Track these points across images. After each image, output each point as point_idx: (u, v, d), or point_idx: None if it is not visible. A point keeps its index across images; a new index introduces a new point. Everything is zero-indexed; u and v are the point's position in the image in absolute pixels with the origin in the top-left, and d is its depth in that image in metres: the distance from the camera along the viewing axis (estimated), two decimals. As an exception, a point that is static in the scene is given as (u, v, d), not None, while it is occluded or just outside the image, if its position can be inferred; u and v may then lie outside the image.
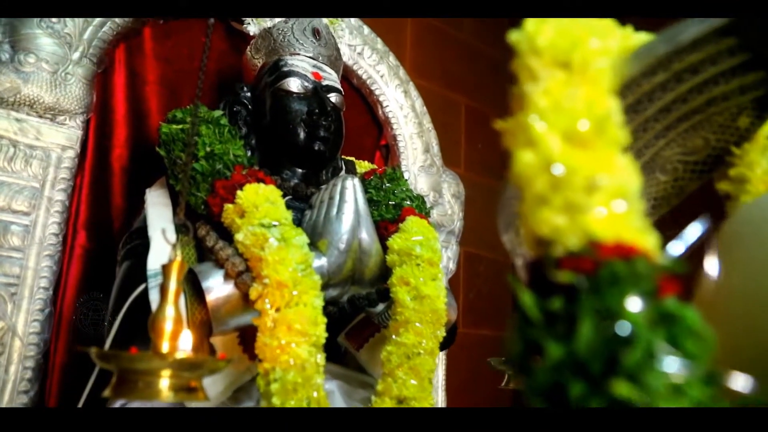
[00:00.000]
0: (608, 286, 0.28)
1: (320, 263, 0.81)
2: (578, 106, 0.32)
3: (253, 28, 1.19)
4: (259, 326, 0.70)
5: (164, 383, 0.52)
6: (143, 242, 0.83)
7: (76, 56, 1.04)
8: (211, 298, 0.75)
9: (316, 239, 0.84)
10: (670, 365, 0.26)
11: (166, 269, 0.58)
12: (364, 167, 1.17)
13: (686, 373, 0.26)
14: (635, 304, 0.28)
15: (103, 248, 1.07)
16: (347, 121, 1.09)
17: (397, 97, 1.47)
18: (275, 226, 0.75)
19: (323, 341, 0.72)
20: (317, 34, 1.07)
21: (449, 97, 1.98)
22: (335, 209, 0.85)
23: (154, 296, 0.74)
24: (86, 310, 1.03)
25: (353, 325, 0.95)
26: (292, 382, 0.66)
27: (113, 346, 0.75)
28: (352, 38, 1.42)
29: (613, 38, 0.36)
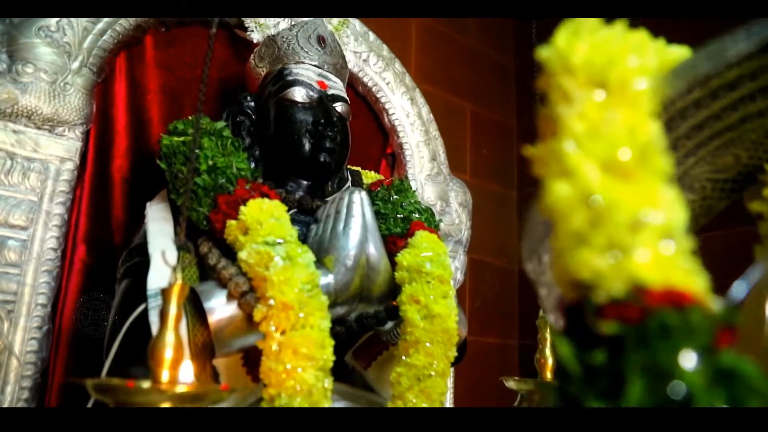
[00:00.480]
0: (658, 338, 0.25)
1: (327, 281, 0.78)
2: (618, 131, 0.29)
3: (256, 35, 1.17)
4: (263, 350, 0.67)
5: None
6: (143, 259, 0.80)
7: (75, 65, 1.01)
8: (213, 319, 0.72)
9: (322, 255, 0.81)
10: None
11: (165, 293, 0.55)
12: (370, 178, 1.13)
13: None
14: (690, 359, 0.24)
15: (103, 262, 1.04)
16: (352, 129, 1.06)
17: (403, 104, 1.44)
18: (280, 243, 0.72)
19: (331, 365, 0.69)
20: (322, 41, 1.04)
21: (454, 102, 1.95)
22: (342, 224, 0.82)
23: (154, 317, 0.71)
24: (86, 310, 1.01)
25: (361, 343, 0.91)
26: (298, 408, 0.63)
27: (112, 368, 0.73)
28: (357, 45, 1.39)
29: (650, 54, 0.33)
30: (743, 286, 0.31)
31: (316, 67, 1.01)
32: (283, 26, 1.22)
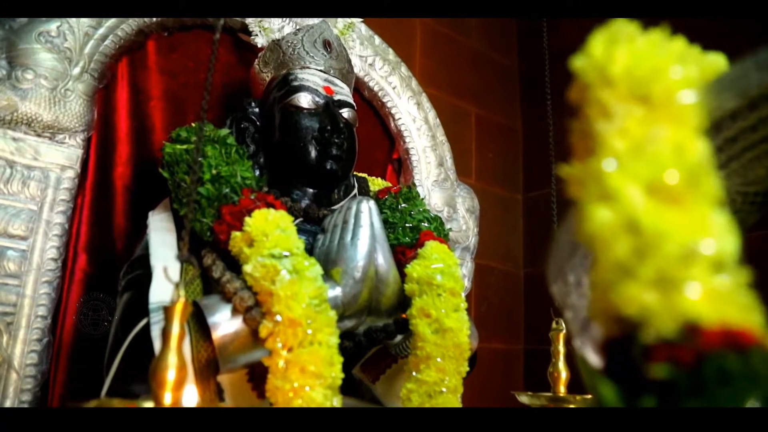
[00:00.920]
0: (717, 385, 0.22)
1: (334, 294, 0.76)
2: (664, 150, 0.26)
3: (260, 40, 1.14)
4: (270, 367, 0.65)
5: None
6: (145, 272, 0.77)
7: (76, 72, 0.99)
8: (218, 334, 0.69)
9: (329, 267, 0.78)
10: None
11: (168, 311, 0.52)
12: (377, 185, 1.11)
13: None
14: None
15: (104, 272, 1.02)
16: (358, 134, 1.04)
17: (409, 109, 1.41)
18: (287, 256, 0.69)
19: (340, 383, 0.66)
20: (328, 46, 1.01)
21: (459, 105, 1.93)
22: (350, 234, 0.80)
23: (156, 332, 0.69)
24: (87, 310, 0.99)
25: (368, 356, 0.89)
26: (305, 429, 0.61)
27: (113, 386, 0.70)
28: (363, 49, 1.37)
29: (694, 64, 0.30)
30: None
31: (322, 72, 0.99)
32: (287, 30, 1.20)
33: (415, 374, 0.75)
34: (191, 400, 0.51)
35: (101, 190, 1.07)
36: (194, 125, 0.88)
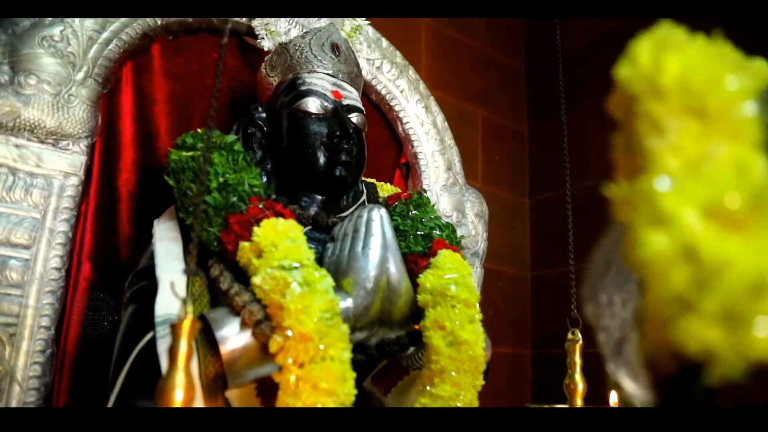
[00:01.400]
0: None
1: (346, 305, 0.73)
2: (724, 169, 0.24)
3: (267, 43, 1.12)
4: (280, 383, 0.62)
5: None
6: (151, 283, 0.75)
7: (80, 76, 0.97)
8: (226, 349, 0.67)
9: (340, 277, 0.76)
10: None
11: (175, 329, 0.50)
12: (386, 191, 1.09)
13: None
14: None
15: (109, 282, 1.00)
16: (365, 138, 1.01)
17: (417, 112, 1.39)
18: (297, 268, 0.67)
19: (352, 399, 0.64)
20: (336, 49, 0.99)
21: (465, 108, 1.91)
22: (361, 244, 0.77)
23: (162, 347, 0.67)
24: (91, 320, 0.97)
25: (380, 368, 0.86)
26: (318, 448, 0.58)
27: (118, 401, 0.68)
28: (370, 52, 1.35)
29: (748, 73, 0.28)
30: None
31: (330, 76, 0.97)
32: (294, 34, 1.18)
33: (429, 388, 0.73)
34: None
35: (105, 197, 1.05)
36: (200, 131, 0.86)
